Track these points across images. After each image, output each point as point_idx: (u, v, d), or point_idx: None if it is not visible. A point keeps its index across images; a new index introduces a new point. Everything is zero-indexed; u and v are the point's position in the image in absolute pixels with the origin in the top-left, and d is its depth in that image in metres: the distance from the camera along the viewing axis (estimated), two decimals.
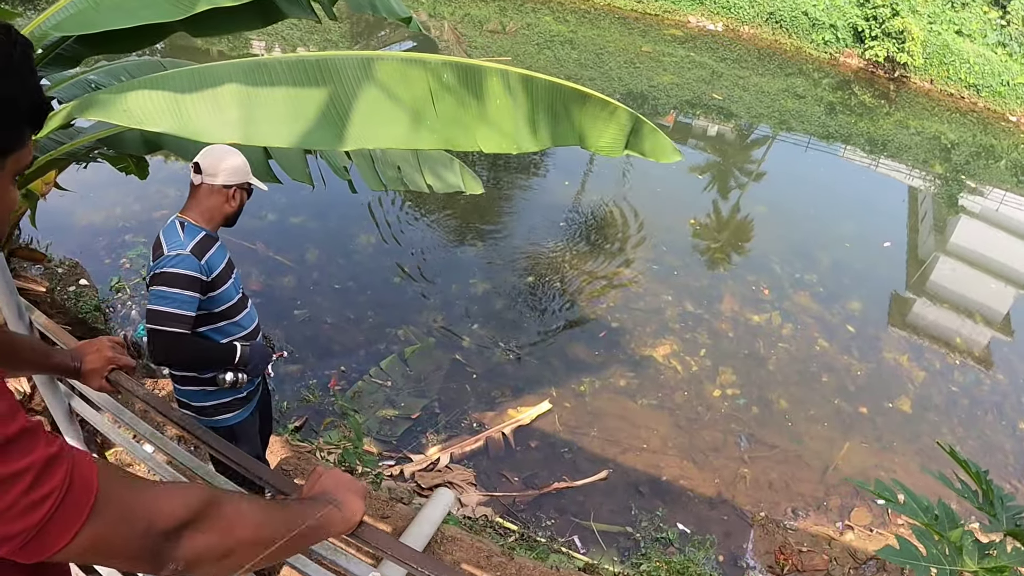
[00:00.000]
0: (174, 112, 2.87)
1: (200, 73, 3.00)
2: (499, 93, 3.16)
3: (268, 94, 2.98)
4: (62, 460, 1.05)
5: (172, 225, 3.12)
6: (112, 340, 2.26)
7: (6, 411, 1.00)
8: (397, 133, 3.05)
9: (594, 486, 6.58)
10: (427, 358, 7.71)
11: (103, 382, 2.19)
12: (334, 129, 2.99)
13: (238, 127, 2.87)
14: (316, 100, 3.00)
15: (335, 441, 6.16)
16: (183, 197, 3.20)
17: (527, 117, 3.23)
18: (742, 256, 11.19)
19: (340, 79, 3.04)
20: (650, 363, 8.28)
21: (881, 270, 11.79)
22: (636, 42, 22.29)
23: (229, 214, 3.28)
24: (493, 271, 9.55)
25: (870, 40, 22.52)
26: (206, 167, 3.09)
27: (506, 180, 12.36)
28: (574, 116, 3.29)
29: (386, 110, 3.06)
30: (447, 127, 3.11)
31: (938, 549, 2.26)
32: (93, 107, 2.93)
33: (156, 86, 2.93)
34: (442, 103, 3.10)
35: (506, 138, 3.19)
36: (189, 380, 3.36)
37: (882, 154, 17.97)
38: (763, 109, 19.26)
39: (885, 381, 8.80)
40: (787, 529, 6.50)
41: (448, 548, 4.52)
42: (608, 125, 3.32)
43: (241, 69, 3.02)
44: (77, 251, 8.37)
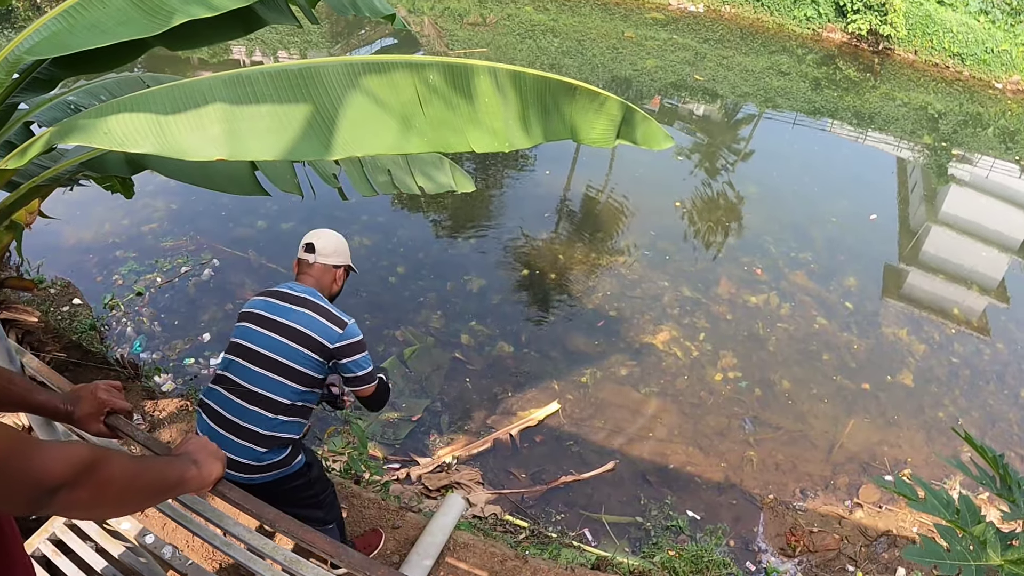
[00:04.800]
0: (156, 132, 2.81)
1: (181, 90, 2.94)
2: (488, 92, 3.11)
3: (251, 107, 2.92)
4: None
5: (316, 292, 3.42)
6: (107, 384, 2.23)
7: None
8: (386, 139, 2.99)
9: (602, 478, 6.57)
10: (426, 358, 7.68)
11: (100, 427, 2.17)
12: (321, 139, 2.94)
13: (223, 143, 2.82)
14: (301, 110, 2.94)
15: (339, 448, 6.13)
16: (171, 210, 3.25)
17: (518, 114, 3.18)
18: (736, 238, 11.15)
19: (324, 87, 2.98)
20: (650, 350, 8.26)
21: (874, 244, 11.74)
22: (618, 27, 22.21)
23: (335, 292, 3.62)
24: (487, 266, 9.53)
25: (852, 14, 22.43)
26: (320, 248, 3.50)
27: (493, 174, 12.32)
28: (564, 110, 3.24)
29: (373, 117, 3.01)
30: (437, 130, 3.06)
31: (962, 545, 2.22)
32: (74, 132, 2.88)
33: (137, 107, 2.87)
34: (430, 106, 3.05)
35: (497, 137, 3.14)
36: (299, 413, 3.36)
37: (869, 127, 17.94)
38: (748, 88, 19.21)
39: (886, 356, 8.79)
40: (796, 510, 6.49)
41: (461, 555, 4.50)
42: (599, 116, 3.27)
43: (223, 83, 2.96)
44: (68, 270, 8.34)
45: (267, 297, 3.36)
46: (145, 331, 7.65)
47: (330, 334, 3.21)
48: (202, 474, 1.91)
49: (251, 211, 9.76)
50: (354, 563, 1.80)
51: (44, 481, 1.34)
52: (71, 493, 1.40)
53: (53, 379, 2.45)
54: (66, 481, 1.38)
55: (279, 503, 3.60)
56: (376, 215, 10.22)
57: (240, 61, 17.11)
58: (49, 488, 1.35)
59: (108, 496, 1.52)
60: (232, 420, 3.21)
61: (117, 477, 1.54)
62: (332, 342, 3.20)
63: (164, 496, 1.87)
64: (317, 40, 19.35)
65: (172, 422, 5.51)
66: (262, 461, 3.23)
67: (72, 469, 1.39)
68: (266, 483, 3.31)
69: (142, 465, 1.71)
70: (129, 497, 1.62)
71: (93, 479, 1.45)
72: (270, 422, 3.20)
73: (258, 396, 3.19)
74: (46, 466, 1.35)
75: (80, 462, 1.42)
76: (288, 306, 3.27)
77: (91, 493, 1.45)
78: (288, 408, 3.23)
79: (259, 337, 3.23)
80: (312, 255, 3.48)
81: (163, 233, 9.36)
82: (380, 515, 4.81)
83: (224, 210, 9.93)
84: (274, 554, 2.04)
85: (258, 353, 3.21)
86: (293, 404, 3.23)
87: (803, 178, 14.07)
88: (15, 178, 4.03)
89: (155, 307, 8.02)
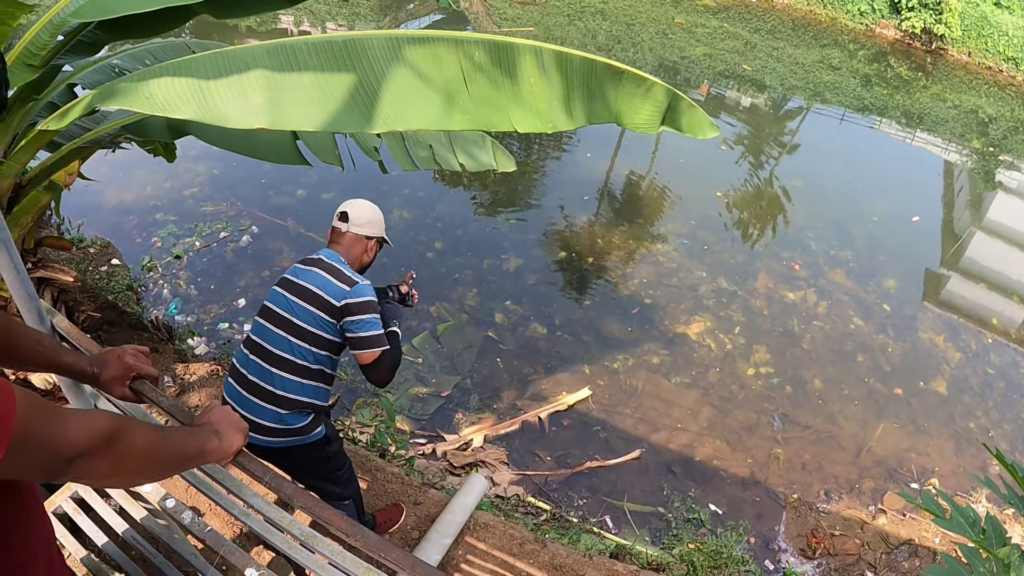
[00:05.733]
0: (199, 98, 2.81)
1: (224, 57, 2.94)
2: (532, 72, 3.08)
3: (295, 77, 2.92)
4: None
5: (339, 257, 3.39)
6: (135, 349, 2.24)
7: None
8: (429, 115, 2.98)
9: (627, 466, 6.55)
10: (459, 335, 7.69)
11: (126, 391, 2.18)
12: (364, 111, 2.93)
13: (265, 112, 2.82)
14: (344, 82, 2.93)
15: (367, 420, 6.15)
16: (213, 175, 3.27)
17: (562, 96, 3.15)
18: (776, 232, 11.03)
19: (369, 60, 2.97)
20: (684, 340, 8.21)
21: (915, 247, 11.56)
22: (668, 12, 22.03)
23: (366, 263, 3.59)
24: (525, 246, 9.51)
25: (907, 11, 22.07)
26: (354, 217, 3.46)
27: (537, 154, 12.29)
28: (609, 94, 3.20)
29: (417, 91, 2.99)
30: (480, 108, 3.04)
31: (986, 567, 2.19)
32: (116, 95, 2.89)
33: (179, 72, 2.88)
34: (475, 84, 3.03)
35: (541, 118, 3.11)
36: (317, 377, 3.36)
37: (918, 128, 17.65)
38: (797, 81, 18.96)
39: (921, 361, 8.67)
40: (820, 512, 6.44)
41: (481, 535, 4.50)
42: (644, 102, 3.22)
43: (266, 52, 2.96)
44: (108, 231, 8.42)
45: (298, 264, 3.37)
46: (181, 294, 7.71)
47: (337, 292, 3.20)
48: (223, 445, 1.91)
49: (292, 180, 9.79)
50: (369, 543, 1.80)
51: (63, 450, 1.33)
52: (89, 463, 1.39)
53: (82, 341, 2.46)
54: (85, 451, 1.37)
55: (297, 472, 3.63)
56: (416, 189, 10.23)
57: (288, 31, 17.16)
58: (67, 458, 1.34)
59: (126, 466, 1.52)
60: (254, 381, 3.24)
61: (137, 447, 1.53)
62: (338, 299, 3.18)
63: (183, 467, 1.86)
64: (365, 12, 19.35)
65: (202, 386, 5.55)
66: (282, 424, 3.25)
67: (92, 439, 1.39)
68: (286, 448, 3.34)
69: (163, 436, 1.70)
70: (148, 467, 1.62)
71: (112, 449, 1.44)
72: (289, 384, 3.22)
73: (277, 358, 3.21)
74: (66, 435, 1.34)
75: (100, 432, 1.41)
76: (308, 269, 3.29)
77: (110, 463, 1.45)
78: (305, 370, 3.24)
79: (280, 299, 3.26)
80: (345, 224, 3.47)
81: (204, 198, 9.43)
82: (403, 490, 4.83)
83: (265, 178, 9.98)
84: (291, 528, 2.04)
85: (278, 315, 3.24)
86: (309, 367, 3.25)
87: (847, 175, 13.86)
88: (56, 139, 4.07)
89: (192, 271, 8.09)
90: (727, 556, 5.43)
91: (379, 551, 1.78)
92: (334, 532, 1.85)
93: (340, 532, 1.78)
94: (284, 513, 2.10)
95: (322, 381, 3.34)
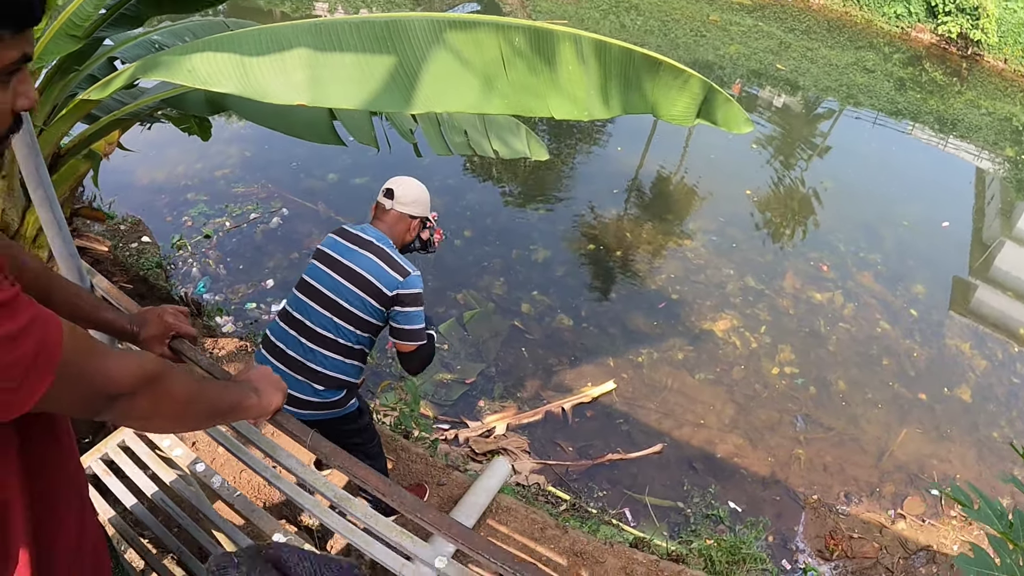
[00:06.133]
0: (239, 73, 2.84)
1: (265, 34, 2.97)
2: (571, 59, 3.09)
3: (335, 56, 2.94)
4: (32, 329, 1.16)
5: (387, 239, 3.39)
6: (175, 308, 2.28)
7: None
8: (467, 98, 2.99)
9: (648, 459, 6.56)
10: (485, 323, 7.72)
11: (164, 349, 2.20)
12: (402, 92, 2.95)
13: (305, 88, 2.84)
14: (384, 62, 2.95)
15: (391, 403, 6.19)
16: (245, 157, 3.29)
17: (599, 85, 3.16)
18: (805, 232, 10.97)
19: (409, 41, 2.99)
20: (709, 337, 8.20)
21: (945, 252, 11.46)
22: (703, 9, 21.96)
23: (408, 243, 3.58)
24: (553, 237, 9.54)
25: (943, 15, 21.86)
26: (399, 195, 3.46)
27: (567, 146, 12.30)
28: (646, 85, 3.20)
29: (456, 74, 3.01)
30: (518, 93, 3.05)
31: (1012, 559, 2.19)
32: (157, 68, 2.92)
33: (221, 47, 2.91)
34: (514, 69, 3.04)
35: (578, 105, 3.12)
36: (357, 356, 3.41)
37: (951, 134, 17.47)
38: (830, 82, 18.84)
39: (946, 368, 8.60)
40: (839, 514, 6.42)
41: (503, 518, 4.52)
42: (681, 94, 3.23)
43: (307, 30, 2.99)
44: (139, 209, 8.51)
45: (338, 237, 3.38)
46: (210, 273, 7.78)
47: (390, 281, 3.22)
48: (262, 402, 1.94)
49: (323, 164, 9.85)
50: (405, 504, 1.82)
51: (107, 387, 1.37)
52: (131, 402, 1.43)
53: (121, 300, 2.49)
54: (128, 390, 1.42)
55: None
56: (447, 177, 10.28)
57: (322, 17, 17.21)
58: (110, 395, 1.39)
59: (166, 409, 1.56)
60: (292, 356, 3.28)
61: (178, 392, 1.58)
62: (391, 289, 3.21)
63: (221, 418, 1.90)
64: (401, 1, 19.38)
65: (230, 360, 5.59)
66: (318, 398, 3.31)
67: (135, 379, 1.43)
68: (319, 421, 3.37)
69: (204, 384, 1.75)
70: (187, 413, 1.66)
71: (154, 391, 1.49)
72: (330, 362, 3.27)
73: (319, 336, 3.25)
74: (110, 372, 1.37)
75: (143, 373, 1.45)
76: (355, 249, 3.29)
77: (150, 404, 1.49)
78: (347, 350, 3.29)
79: (324, 278, 3.27)
80: (390, 201, 3.46)
81: (235, 179, 9.50)
82: (426, 471, 4.85)
83: (296, 161, 10.04)
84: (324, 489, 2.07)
85: (322, 294, 3.25)
86: (352, 347, 3.29)
87: (878, 178, 13.75)
88: (96, 111, 4.11)
89: (222, 250, 8.16)
90: (745, 553, 5.43)
91: (416, 511, 1.80)
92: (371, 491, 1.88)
93: (377, 492, 1.80)
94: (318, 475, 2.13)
95: (360, 360, 3.39)
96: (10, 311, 1.13)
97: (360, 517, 1.99)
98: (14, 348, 1.12)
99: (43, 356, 1.18)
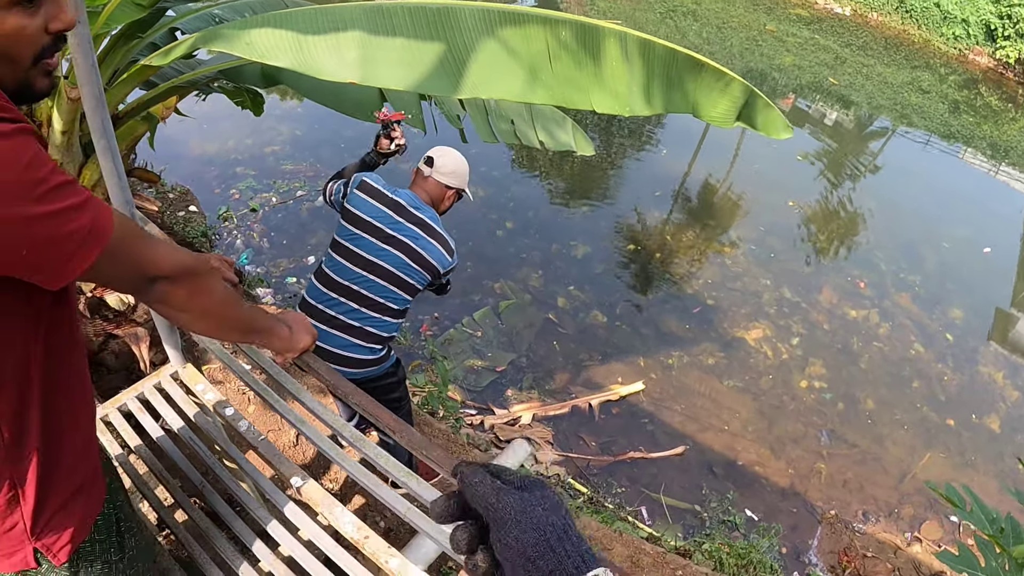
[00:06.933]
0: (296, 49, 2.94)
1: (322, 13, 3.07)
2: (615, 56, 3.16)
3: (388, 38, 3.04)
4: (88, 206, 1.30)
5: (435, 215, 3.57)
6: (220, 257, 2.41)
7: (53, 167, 1.23)
8: (513, 87, 3.08)
9: (669, 460, 6.59)
10: (520, 314, 7.79)
11: None
12: (450, 77, 3.04)
13: (357, 67, 2.94)
14: (434, 47, 3.04)
15: (421, 384, 6.28)
16: (295, 136, 3.40)
17: (642, 82, 3.23)
18: (846, 248, 10.89)
19: (460, 28, 3.08)
20: (741, 345, 8.21)
21: (985, 279, 11.28)
22: (760, 19, 21.82)
23: (442, 211, 3.70)
24: (594, 235, 9.58)
25: (1002, 39, 21.48)
26: (439, 164, 3.59)
27: (614, 147, 12.33)
28: (688, 85, 3.27)
29: (503, 63, 3.09)
30: (562, 85, 3.13)
31: (998, 563, 2.23)
32: (217, 39, 3.03)
33: (279, 24, 3.01)
34: (559, 62, 3.12)
35: (619, 100, 3.20)
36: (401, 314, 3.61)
37: (1003, 161, 17.21)
38: (884, 100, 18.61)
39: (977, 395, 8.51)
40: (855, 531, 6.41)
41: None
42: (722, 96, 3.29)
43: (363, 12, 3.08)
44: (189, 179, 8.67)
45: (376, 201, 3.48)
46: (254, 245, 7.91)
47: (445, 261, 3.48)
48: (293, 337, 2.10)
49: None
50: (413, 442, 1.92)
51: (149, 268, 1.53)
52: (169, 286, 1.59)
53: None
54: (168, 273, 1.57)
55: None
56: (493, 168, 10.35)
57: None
58: (151, 276, 1.54)
59: (201, 303, 1.71)
60: (334, 316, 3.43)
61: (216, 291, 1.74)
62: (444, 267, 3.48)
63: (251, 335, 2.00)
64: None
65: None
66: (364, 355, 3.47)
67: (177, 265, 1.58)
68: (363, 379, 3.55)
69: (240, 298, 1.90)
70: (220, 315, 1.80)
71: (192, 283, 1.65)
72: (376, 322, 3.44)
73: (366, 298, 3.41)
74: (155, 256, 1.53)
75: (185, 264, 1.61)
76: (408, 225, 3.42)
77: (187, 293, 1.64)
78: (394, 311, 3.48)
79: (374, 248, 3.39)
80: (429, 168, 3.61)
81: (284, 156, 9.63)
82: (448, 447, 4.94)
83: (344, 142, 10.18)
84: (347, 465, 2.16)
85: (373, 263, 3.38)
86: (401, 309, 3.51)
87: (925, 200, 13.58)
88: (155, 78, 4.24)
89: (266, 224, 8.29)
90: (757, 560, 5.46)
91: (422, 448, 1.89)
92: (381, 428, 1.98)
93: (387, 428, 1.90)
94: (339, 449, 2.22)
95: (402, 316, 3.58)
96: (73, 189, 1.27)
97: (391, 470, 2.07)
98: (76, 218, 1.27)
99: (96, 230, 1.31)
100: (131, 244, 1.45)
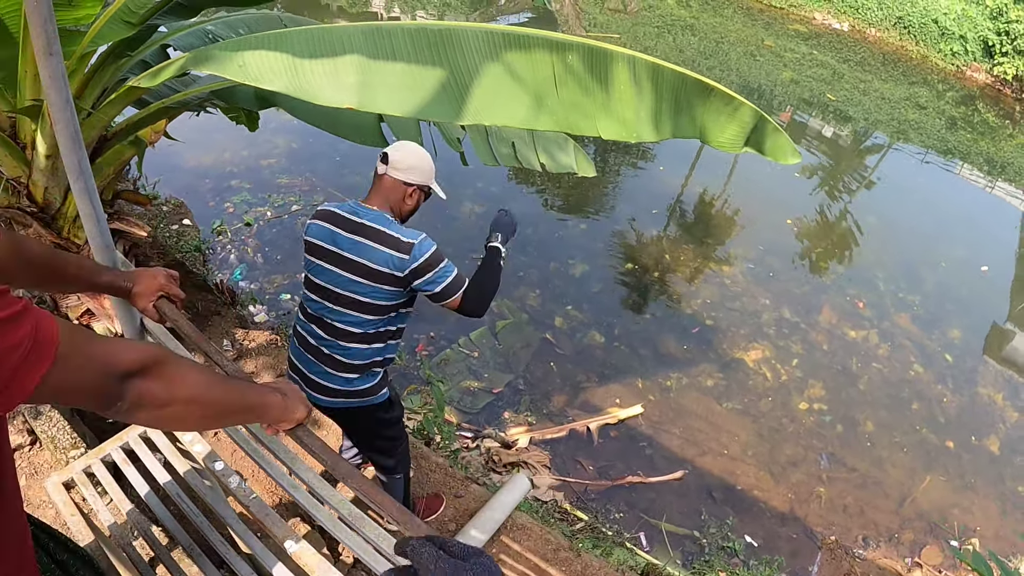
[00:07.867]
0: (291, 72, 2.85)
1: (319, 35, 2.98)
2: (624, 81, 3.08)
3: (387, 62, 2.94)
4: (26, 315, 1.18)
5: (382, 216, 3.15)
6: (168, 272, 2.36)
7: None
8: (517, 113, 2.98)
9: (668, 485, 6.50)
10: (517, 334, 7.71)
11: (149, 306, 2.29)
12: (452, 102, 2.95)
13: (355, 93, 2.85)
14: (436, 72, 2.95)
15: (416, 407, 6.20)
16: (291, 149, 3.28)
17: (650, 108, 3.15)
18: (845, 267, 10.83)
19: (462, 52, 2.98)
20: (739, 366, 8.13)
21: (984, 298, 11.24)
22: (758, 34, 21.85)
23: (407, 212, 3.33)
24: (592, 253, 9.51)
25: (999, 56, 21.56)
26: (394, 160, 3.16)
27: (612, 163, 12.28)
28: (696, 109, 3.19)
29: (507, 88, 3.00)
30: (568, 112, 3.04)
31: None
32: (209, 61, 2.93)
33: (274, 45, 2.92)
34: (565, 88, 3.03)
35: (626, 127, 3.11)
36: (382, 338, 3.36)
37: (1000, 177, 17.21)
38: (882, 116, 18.62)
39: (976, 417, 8.44)
40: (855, 557, 6.33)
41: (516, 536, 4.51)
42: (730, 121, 3.22)
43: (361, 34, 2.99)
44: (183, 191, 8.62)
45: (329, 224, 3.21)
46: (247, 260, 7.83)
47: (397, 263, 3.05)
48: (288, 406, 1.95)
49: (367, 160, 9.88)
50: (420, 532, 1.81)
51: (114, 366, 1.38)
52: (142, 381, 1.43)
53: None
54: (138, 367, 1.43)
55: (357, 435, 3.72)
56: (490, 184, 10.30)
57: (378, 15, 17.30)
58: (119, 374, 1.39)
59: (183, 392, 1.54)
60: (317, 347, 3.29)
61: (190, 372, 1.58)
62: (402, 270, 3.05)
63: (247, 413, 1.87)
64: (456, 4, 19.45)
65: (260, 353, 5.62)
66: (349, 386, 3.32)
67: (142, 356, 1.44)
68: (349, 408, 3.42)
69: (220, 377, 1.74)
70: (207, 397, 1.63)
71: (164, 371, 1.49)
72: (355, 351, 3.26)
73: (340, 331, 3.21)
74: (116, 351, 1.39)
75: (148, 352, 1.47)
76: (352, 238, 3.12)
77: (164, 384, 1.48)
78: (373, 336, 3.25)
79: (329, 275, 3.16)
80: (384, 165, 3.20)
81: (280, 170, 9.57)
82: (445, 481, 4.85)
83: (340, 156, 10.11)
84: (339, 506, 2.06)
85: (331, 291, 3.17)
86: (377, 331, 3.25)
87: (923, 217, 13.55)
88: (146, 97, 4.15)
89: (261, 239, 8.21)
90: None
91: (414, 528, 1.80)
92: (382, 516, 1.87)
93: (391, 517, 1.78)
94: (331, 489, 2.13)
95: (386, 339, 3.34)
96: (5, 300, 1.15)
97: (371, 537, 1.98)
98: (15, 330, 1.15)
99: (40, 338, 1.19)
100: (84, 346, 1.32)
